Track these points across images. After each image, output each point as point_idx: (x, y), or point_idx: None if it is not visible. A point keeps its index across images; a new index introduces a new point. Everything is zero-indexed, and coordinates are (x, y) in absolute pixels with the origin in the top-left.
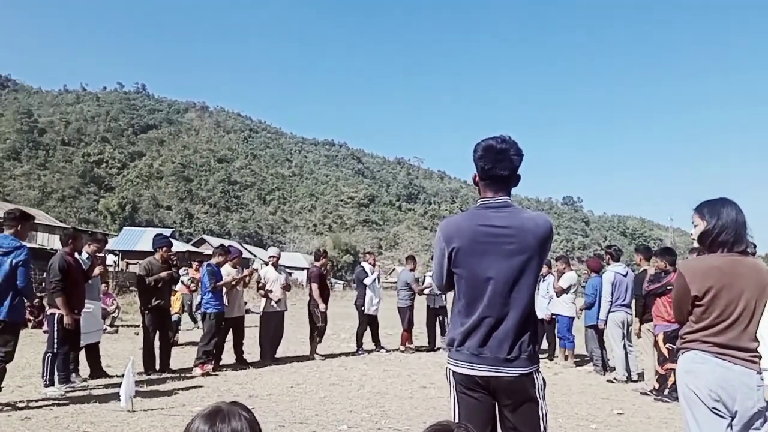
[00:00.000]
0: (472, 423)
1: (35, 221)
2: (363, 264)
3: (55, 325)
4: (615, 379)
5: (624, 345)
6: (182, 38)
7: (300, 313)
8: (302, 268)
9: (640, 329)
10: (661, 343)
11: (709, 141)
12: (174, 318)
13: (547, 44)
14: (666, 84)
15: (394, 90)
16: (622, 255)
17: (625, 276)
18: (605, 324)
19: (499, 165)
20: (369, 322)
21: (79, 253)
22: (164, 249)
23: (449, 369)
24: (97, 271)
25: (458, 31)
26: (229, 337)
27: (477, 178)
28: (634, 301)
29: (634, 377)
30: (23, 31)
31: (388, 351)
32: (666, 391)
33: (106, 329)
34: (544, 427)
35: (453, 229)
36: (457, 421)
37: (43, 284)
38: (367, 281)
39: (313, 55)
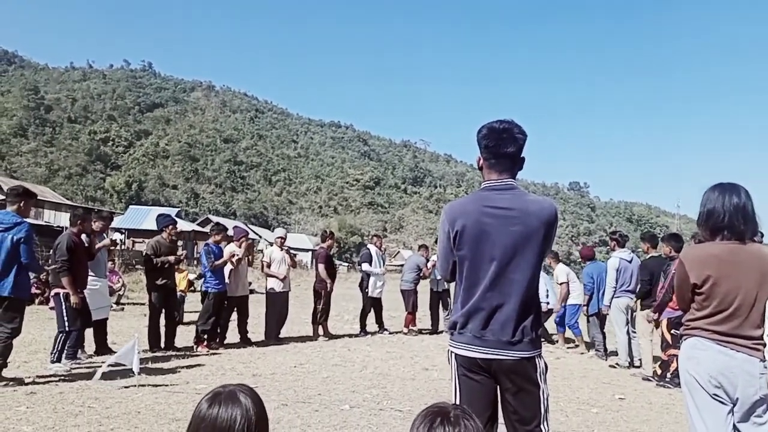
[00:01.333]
0: (473, 406)
1: (42, 198)
2: (369, 246)
3: (63, 303)
4: (617, 364)
5: (627, 331)
6: (189, 16)
7: (304, 294)
8: (307, 250)
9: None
10: (664, 328)
11: (718, 128)
12: (178, 296)
13: (558, 29)
14: (675, 71)
15: (402, 72)
16: (628, 241)
17: (630, 262)
18: (608, 309)
19: (503, 143)
20: (373, 304)
21: (87, 235)
22: (170, 228)
23: (451, 351)
24: (104, 242)
25: (468, 14)
26: (234, 316)
27: (481, 161)
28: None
29: (636, 363)
30: (30, 7)
31: (391, 333)
32: (668, 377)
33: (112, 307)
34: (545, 411)
35: (457, 211)
36: (457, 403)
37: (49, 261)
38: (366, 268)
39: (321, 36)
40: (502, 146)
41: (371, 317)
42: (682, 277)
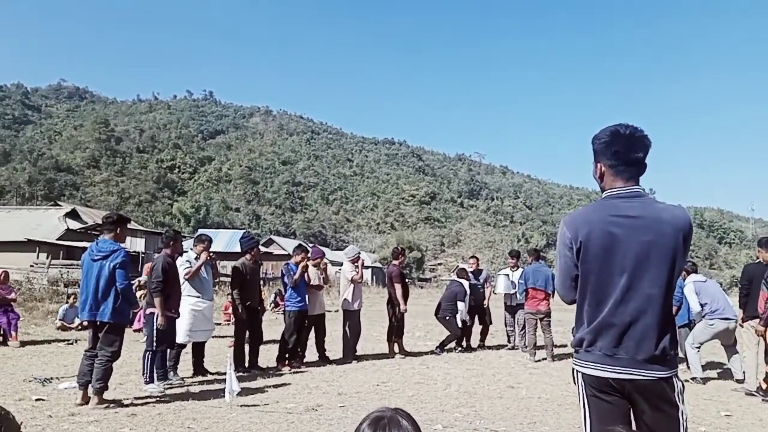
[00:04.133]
0: (605, 427)
1: None
2: (460, 280)
3: (154, 324)
4: (692, 379)
5: (698, 348)
6: (246, 45)
7: (369, 311)
8: (366, 267)
9: (743, 321)
10: None
11: None
12: None
13: (623, 33)
14: (738, 72)
15: (454, 87)
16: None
17: (705, 282)
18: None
19: (633, 148)
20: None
21: (180, 255)
22: (254, 251)
23: (577, 371)
24: (203, 257)
25: (515, 28)
26: (311, 334)
27: (602, 169)
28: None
29: (739, 376)
30: (98, 45)
31: (465, 350)
32: None
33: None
34: None
35: (580, 221)
36: (588, 426)
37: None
38: (461, 307)
39: (372, 56)
40: (632, 151)
41: (443, 332)
42: None
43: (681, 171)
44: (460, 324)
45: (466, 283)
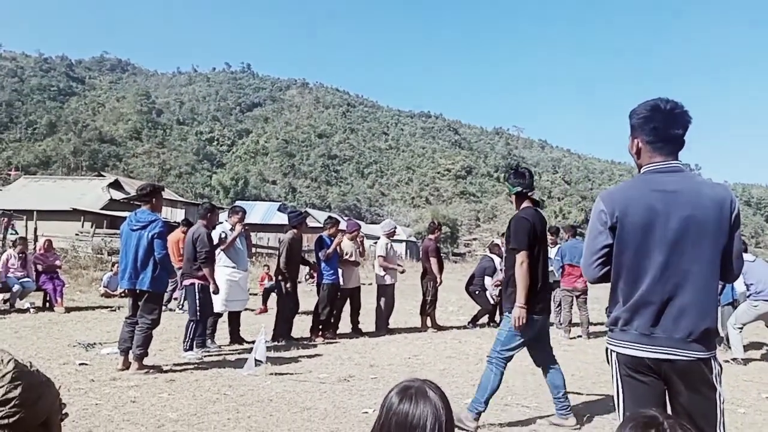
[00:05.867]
0: (639, 409)
1: None
2: (491, 255)
3: (196, 294)
4: (733, 359)
5: (737, 326)
6: (284, 18)
7: (403, 285)
8: (400, 241)
9: None
10: None
11: None
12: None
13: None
14: None
15: (491, 59)
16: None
17: (753, 262)
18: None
19: (672, 124)
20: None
21: (214, 227)
22: (303, 225)
23: (611, 351)
24: (237, 228)
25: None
26: (346, 306)
27: (639, 145)
28: None
29: None
30: (139, 18)
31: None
32: None
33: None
34: (722, 415)
35: (618, 197)
36: (621, 407)
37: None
38: (488, 283)
39: (408, 29)
40: (673, 128)
41: (475, 307)
42: None
43: (729, 147)
44: (491, 300)
45: (497, 259)
